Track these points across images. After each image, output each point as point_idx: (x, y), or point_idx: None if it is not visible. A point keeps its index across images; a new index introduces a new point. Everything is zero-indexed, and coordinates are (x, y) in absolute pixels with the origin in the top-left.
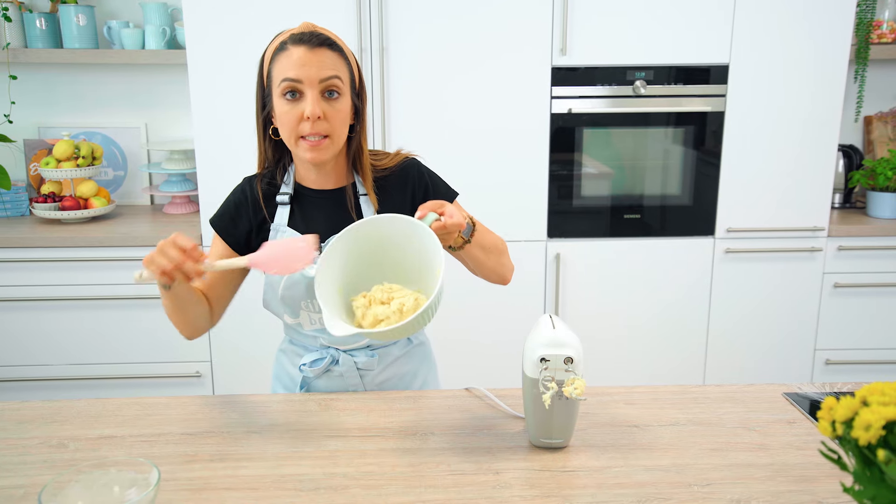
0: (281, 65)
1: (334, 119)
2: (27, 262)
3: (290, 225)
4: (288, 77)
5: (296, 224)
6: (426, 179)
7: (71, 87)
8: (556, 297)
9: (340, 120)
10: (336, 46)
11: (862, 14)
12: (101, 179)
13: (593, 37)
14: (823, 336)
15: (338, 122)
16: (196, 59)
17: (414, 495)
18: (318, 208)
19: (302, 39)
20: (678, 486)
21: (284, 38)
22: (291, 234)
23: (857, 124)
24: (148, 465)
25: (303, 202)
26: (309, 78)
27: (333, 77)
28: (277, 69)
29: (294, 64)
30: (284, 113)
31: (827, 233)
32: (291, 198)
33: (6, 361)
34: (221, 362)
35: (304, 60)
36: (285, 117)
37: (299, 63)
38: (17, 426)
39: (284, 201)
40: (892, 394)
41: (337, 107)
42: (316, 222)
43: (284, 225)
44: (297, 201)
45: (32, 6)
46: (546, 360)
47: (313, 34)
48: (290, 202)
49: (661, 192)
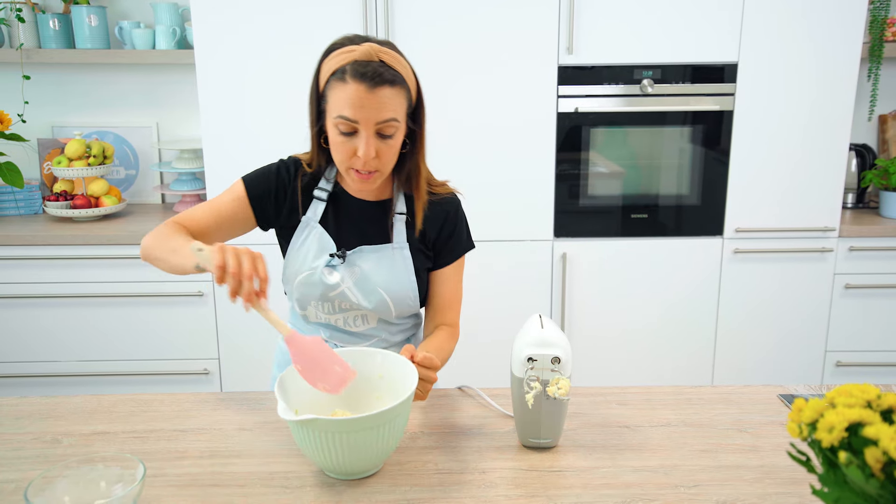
0: (338, 97)
1: (385, 155)
2: (40, 260)
3: (321, 223)
4: (344, 115)
5: (327, 224)
6: (455, 223)
7: (83, 87)
8: (562, 297)
9: (392, 156)
10: (397, 81)
11: (876, 11)
12: (112, 178)
13: (600, 36)
14: (834, 338)
15: (389, 157)
16: (204, 58)
17: (399, 493)
18: (353, 216)
19: (364, 76)
20: (665, 487)
21: (345, 62)
22: (321, 232)
23: (871, 123)
24: (134, 460)
25: (339, 204)
26: (366, 120)
27: (391, 120)
28: (334, 100)
29: (352, 103)
30: (338, 144)
31: (838, 233)
32: (329, 196)
33: (19, 357)
34: (229, 359)
35: (362, 102)
36: (338, 147)
37: (357, 104)
38: (14, 421)
39: (322, 197)
40: (859, 395)
41: (390, 143)
42: (347, 229)
43: (316, 221)
44: (332, 202)
45: (45, 7)
46: (533, 359)
47: (376, 72)
48: (327, 200)
49: (669, 192)
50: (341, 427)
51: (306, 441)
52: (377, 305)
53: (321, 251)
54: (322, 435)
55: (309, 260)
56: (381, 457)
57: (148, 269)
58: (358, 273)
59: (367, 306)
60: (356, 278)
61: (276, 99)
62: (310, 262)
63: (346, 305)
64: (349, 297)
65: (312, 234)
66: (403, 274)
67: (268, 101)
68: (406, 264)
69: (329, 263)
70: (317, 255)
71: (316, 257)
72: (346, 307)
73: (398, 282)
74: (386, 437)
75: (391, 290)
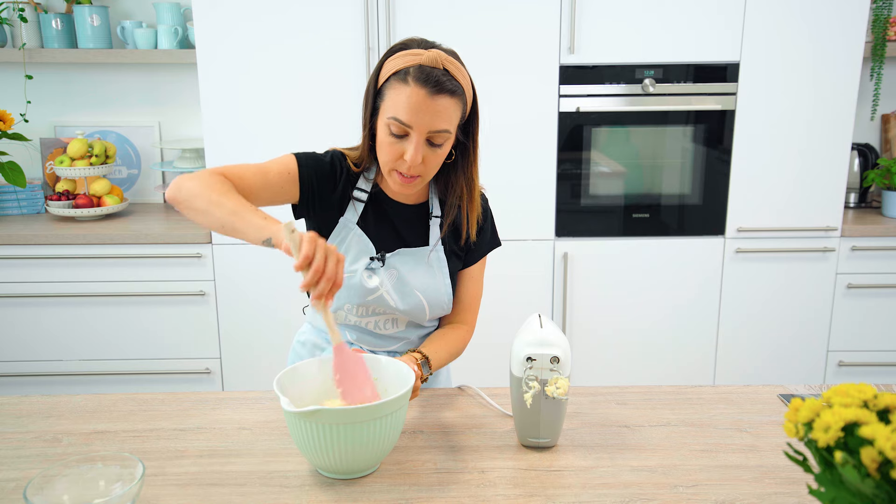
0: (396, 97)
1: (431, 163)
2: (42, 259)
3: (359, 224)
4: (398, 118)
5: (366, 226)
6: (485, 220)
7: (85, 87)
8: (563, 296)
9: (437, 164)
10: (457, 93)
11: (878, 10)
12: (114, 178)
13: (602, 35)
14: (836, 337)
15: (433, 165)
16: (206, 57)
17: (398, 493)
18: (391, 218)
19: (426, 82)
20: (663, 487)
21: (409, 64)
22: (359, 234)
23: (874, 122)
24: (134, 459)
25: (378, 206)
26: (419, 126)
27: (443, 131)
28: (391, 99)
29: (409, 107)
30: (386, 144)
31: (840, 233)
32: (368, 197)
33: (21, 356)
34: (231, 359)
35: (420, 106)
36: (386, 148)
37: (415, 109)
38: (15, 420)
39: (361, 199)
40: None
41: (438, 152)
42: (385, 231)
43: (354, 223)
44: (371, 203)
45: (48, 7)
46: (532, 359)
47: (438, 80)
48: (366, 202)
49: (670, 192)
50: (345, 417)
51: (307, 438)
52: (412, 308)
53: (360, 254)
54: (324, 429)
55: (348, 263)
56: (381, 453)
57: (149, 268)
58: (396, 276)
59: (403, 308)
60: (394, 281)
61: (277, 98)
62: (349, 265)
63: (380, 309)
64: (387, 300)
65: (351, 236)
66: (440, 277)
67: (269, 100)
68: (441, 267)
69: (369, 266)
70: (356, 258)
71: (355, 260)
72: (381, 311)
73: (434, 285)
74: (387, 431)
75: (428, 293)
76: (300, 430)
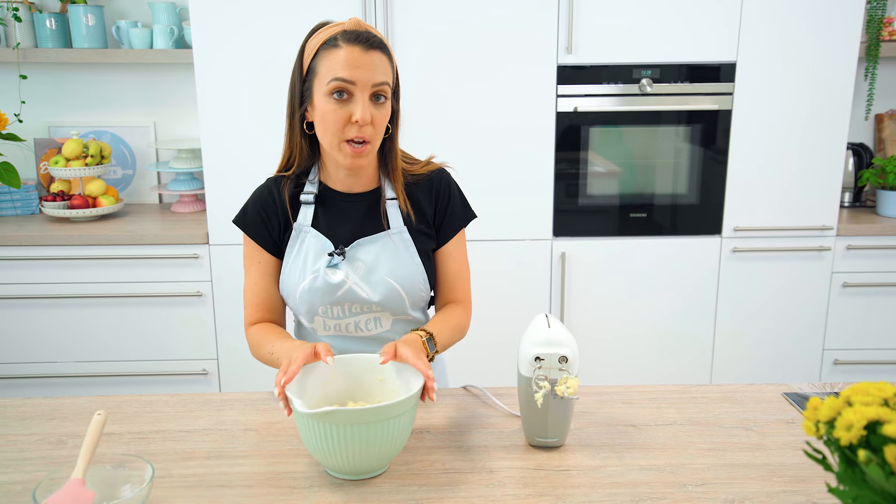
0: (330, 62)
1: (379, 124)
2: (37, 260)
3: (313, 226)
4: (340, 77)
5: (319, 225)
6: (450, 194)
7: (80, 87)
8: (561, 296)
9: (382, 125)
10: (386, 49)
11: (873, 11)
12: (109, 178)
13: (599, 35)
14: (832, 336)
15: (380, 126)
16: (202, 57)
17: (407, 493)
18: (344, 211)
19: (357, 39)
20: (672, 486)
21: (334, 32)
22: (315, 234)
23: (868, 122)
24: (142, 461)
25: (328, 204)
26: (362, 81)
27: (384, 83)
28: (325, 66)
29: (347, 64)
30: (330, 112)
31: (835, 232)
32: (316, 198)
33: (16, 358)
34: (228, 360)
35: (357, 62)
36: (331, 117)
37: (353, 64)
38: (19, 423)
39: (309, 201)
40: (876, 394)
41: (382, 111)
42: (341, 226)
43: (308, 225)
44: (321, 202)
45: (42, 6)
46: (541, 358)
47: (368, 35)
48: (315, 202)
49: (667, 191)
50: (359, 418)
51: (320, 439)
52: (387, 296)
53: (319, 253)
54: (338, 430)
55: (309, 265)
56: (393, 453)
57: (145, 268)
58: (362, 267)
59: (378, 299)
60: (361, 273)
61: (274, 98)
62: (310, 267)
63: (356, 307)
64: (358, 293)
65: (308, 239)
66: (407, 258)
67: (266, 100)
68: (408, 247)
69: (330, 264)
70: (316, 258)
71: (315, 260)
72: (357, 309)
73: (404, 267)
74: (400, 431)
75: (398, 277)
76: (313, 431)
